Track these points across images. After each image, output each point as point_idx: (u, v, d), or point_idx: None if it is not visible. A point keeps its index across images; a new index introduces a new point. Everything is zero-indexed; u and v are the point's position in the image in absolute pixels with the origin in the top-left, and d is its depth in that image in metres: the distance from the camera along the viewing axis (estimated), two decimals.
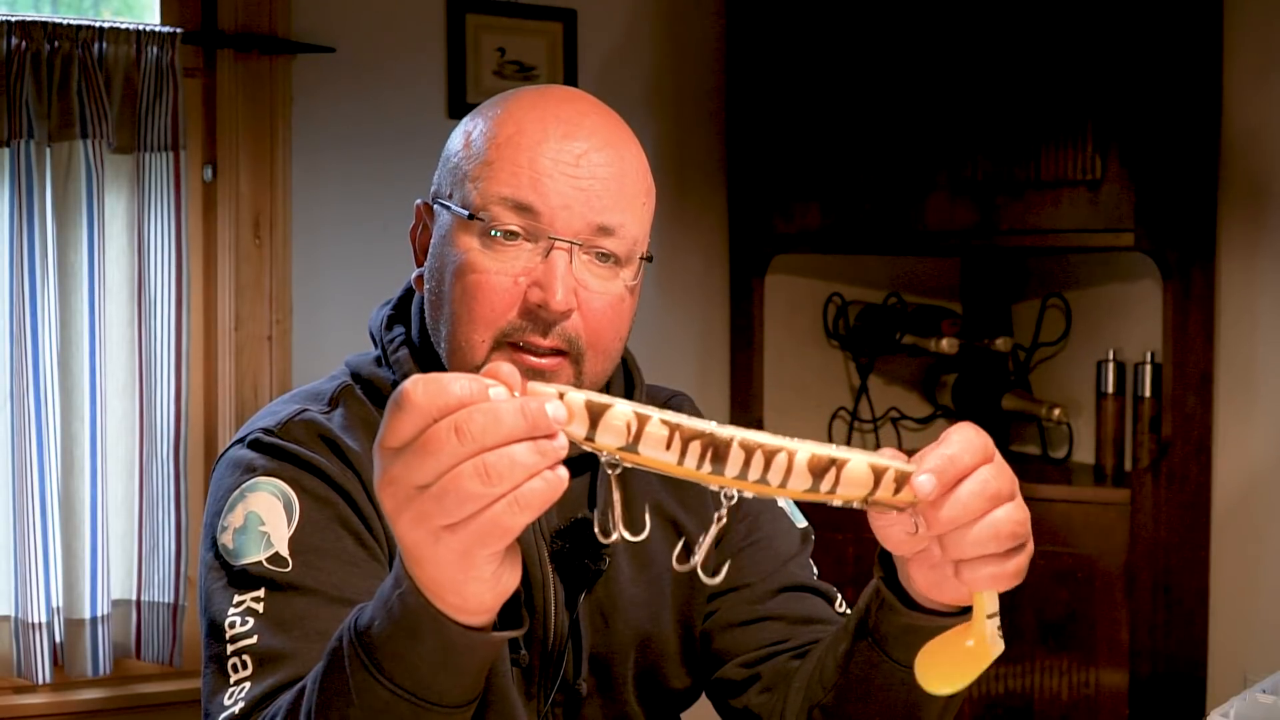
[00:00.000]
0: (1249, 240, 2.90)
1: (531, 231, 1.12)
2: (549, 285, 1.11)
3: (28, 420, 2.48)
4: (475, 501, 0.79)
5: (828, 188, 2.96)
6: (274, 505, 1.11)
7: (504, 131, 1.14)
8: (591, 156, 1.13)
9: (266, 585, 1.08)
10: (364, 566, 1.12)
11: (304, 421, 1.17)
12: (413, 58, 2.91)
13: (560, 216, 1.12)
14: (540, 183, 1.12)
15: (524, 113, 1.15)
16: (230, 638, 1.06)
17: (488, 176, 1.13)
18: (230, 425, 2.71)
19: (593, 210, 1.13)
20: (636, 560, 1.24)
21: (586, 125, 1.15)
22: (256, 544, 1.09)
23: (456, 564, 0.83)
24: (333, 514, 1.12)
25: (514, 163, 1.12)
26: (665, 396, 1.35)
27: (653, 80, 3.17)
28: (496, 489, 0.79)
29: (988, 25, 2.83)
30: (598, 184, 1.13)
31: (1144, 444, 2.90)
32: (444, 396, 0.80)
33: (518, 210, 1.12)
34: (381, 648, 0.88)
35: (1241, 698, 1.41)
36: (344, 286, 2.84)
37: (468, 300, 1.13)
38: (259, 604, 1.07)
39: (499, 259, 1.13)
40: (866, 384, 3.32)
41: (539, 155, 1.12)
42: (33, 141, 2.46)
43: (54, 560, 2.51)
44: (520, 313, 1.12)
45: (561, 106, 1.16)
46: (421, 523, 0.81)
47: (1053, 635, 2.82)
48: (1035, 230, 2.81)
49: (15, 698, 2.58)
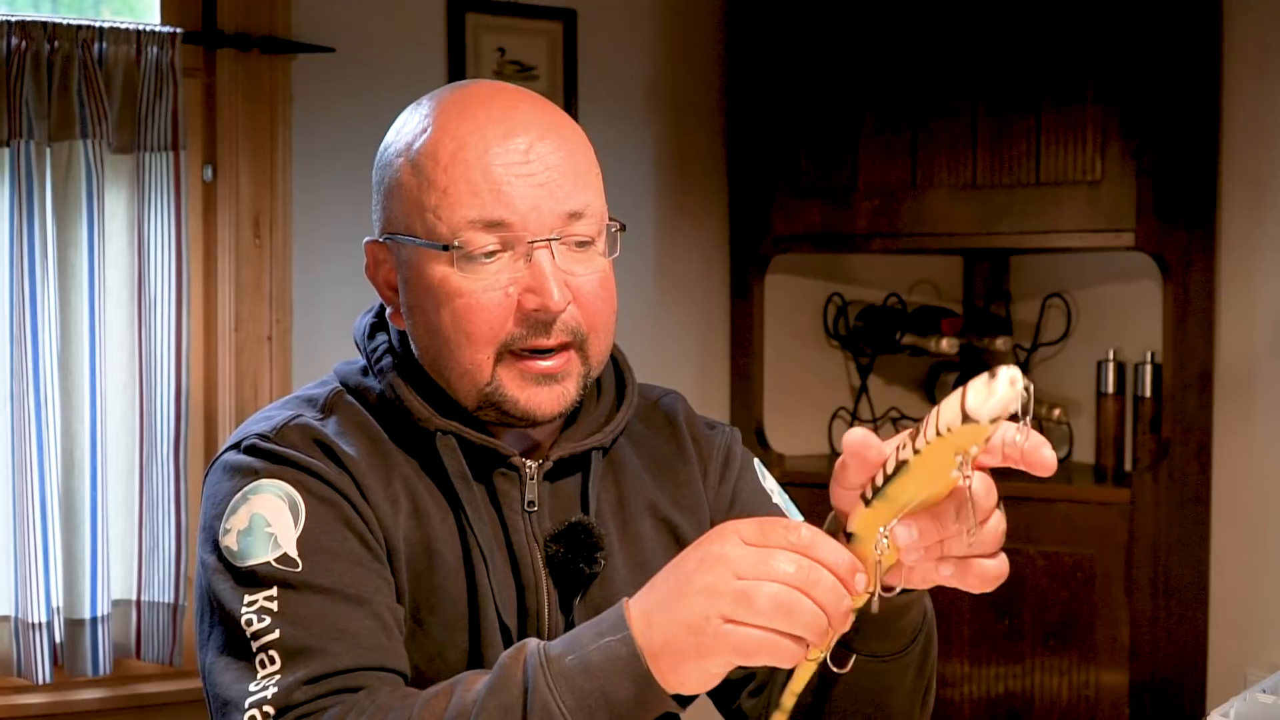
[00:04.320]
0: (1249, 240, 2.90)
1: (507, 242, 1.12)
2: (542, 288, 1.11)
3: (28, 420, 2.48)
4: (778, 619, 0.89)
5: (828, 188, 2.96)
6: (279, 507, 1.10)
7: (444, 151, 1.12)
8: (537, 148, 1.12)
9: (279, 584, 1.07)
10: (370, 566, 1.12)
11: (299, 426, 1.16)
12: (413, 58, 2.91)
13: (531, 219, 1.11)
14: (502, 194, 1.11)
15: (456, 125, 1.13)
16: (251, 634, 1.06)
17: (446, 204, 1.12)
18: (230, 425, 2.71)
19: (558, 201, 1.12)
20: (632, 561, 1.23)
21: (521, 118, 1.14)
22: (264, 545, 1.09)
23: (700, 651, 0.92)
24: (337, 515, 1.12)
25: (468, 182, 1.11)
26: (657, 395, 1.34)
27: (653, 80, 3.17)
28: (790, 623, 0.89)
29: (988, 25, 2.83)
30: (554, 174, 1.12)
31: (1144, 444, 2.90)
32: (823, 555, 0.91)
33: (490, 228, 1.11)
34: (574, 677, 0.96)
35: (1241, 698, 1.41)
36: (344, 286, 2.84)
37: (461, 325, 1.12)
38: (272, 602, 1.06)
39: (481, 278, 1.12)
40: (866, 384, 3.32)
41: (490, 166, 1.11)
42: (33, 141, 2.46)
43: (54, 560, 2.51)
44: (517, 321, 1.12)
45: (490, 106, 1.14)
46: (715, 601, 0.91)
47: (1053, 635, 2.82)
48: (1035, 230, 2.81)
49: (15, 698, 2.58)
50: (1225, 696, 2.63)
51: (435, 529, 1.16)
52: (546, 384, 1.14)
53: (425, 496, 1.16)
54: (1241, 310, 2.91)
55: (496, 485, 1.18)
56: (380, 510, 1.13)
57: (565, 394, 1.15)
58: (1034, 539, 2.83)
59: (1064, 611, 2.81)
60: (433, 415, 1.15)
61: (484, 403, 1.15)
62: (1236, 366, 2.93)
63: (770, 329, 3.18)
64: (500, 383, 1.13)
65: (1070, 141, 2.76)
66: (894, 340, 3.21)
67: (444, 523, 1.16)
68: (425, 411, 1.16)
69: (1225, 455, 2.95)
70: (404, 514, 1.15)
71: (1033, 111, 2.78)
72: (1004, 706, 2.87)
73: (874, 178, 2.92)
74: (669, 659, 0.93)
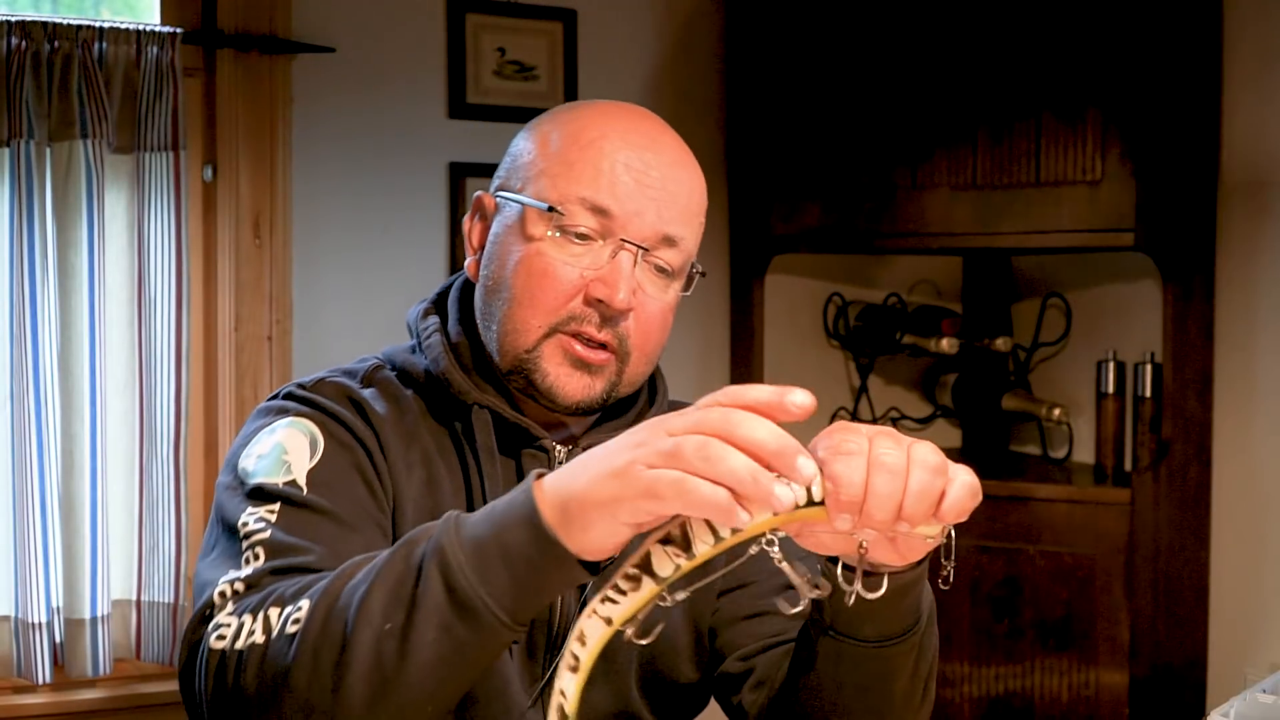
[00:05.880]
0: (1249, 240, 2.90)
1: (602, 232, 1.19)
2: (613, 283, 1.18)
3: (28, 420, 2.48)
4: (698, 462, 0.83)
5: (828, 188, 2.96)
6: (300, 440, 1.16)
7: (587, 135, 1.21)
8: (665, 171, 1.21)
9: (282, 500, 1.12)
10: (370, 512, 1.16)
11: (334, 383, 1.24)
12: (413, 58, 2.91)
13: (632, 221, 1.19)
14: (618, 187, 1.19)
15: (606, 122, 1.22)
16: (244, 535, 1.10)
17: (567, 175, 1.20)
18: (230, 425, 2.71)
19: (661, 220, 1.20)
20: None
21: (662, 142, 1.23)
22: (277, 469, 1.14)
23: (613, 496, 0.86)
24: (352, 459, 1.17)
25: (595, 166, 1.19)
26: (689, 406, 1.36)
27: (653, 80, 3.17)
28: (710, 467, 0.83)
29: (988, 25, 2.83)
30: (668, 196, 1.21)
31: (1144, 444, 2.90)
32: (746, 395, 0.86)
33: (594, 211, 1.19)
34: (480, 536, 0.91)
35: (1241, 698, 1.42)
36: (344, 286, 2.84)
37: (531, 286, 1.19)
38: (272, 514, 1.11)
39: (565, 251, 1.19)
40: (866, 384, 3.32)
41: (618, 161, 1.19)
42: (33, 141, 2.46)
43: (54, 560, 2.51)
44: (579, 304, 1.19)
45: (640, 121, 1.24)
46: (640, 450, 0.85)
47: (1053, 635, 2.82)
48: (1035, 230, 2.81)
49: (15, 698, 2.58)
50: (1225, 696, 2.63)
51: (445, 500, 1.20)
52: (579, 371, 1.20)
53: (442, 469, 1.21)
54: (1241, 310, 2.91)
55: (523, 464, 1.23)
56: (395, 469, 1.19)
57: (591, 388, 1.21)
58: (1034, 539, 2.83)
59: (1064, 611, 2.81)
60: (472, 389, 1.22)
61: (517, 367, 1.21)
62: (1236, 366, 2.93)
63: (770, 329, 3.18)
64: (540, 354, 1.20)
65: (1070, 141, 2.76)
66: (894, 340, 3.21)
67: (455, 496, 1.21)
68: (466, 384, 1.22)
69: (1225, 455, 2.95)
70: (417, 480, 1.20)
71: (1033, 111, 2.78)
72: (1004, 706, 2.87)
73: (874, 178, 2.92)
74: (578, 509, 0.88)
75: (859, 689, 1.13)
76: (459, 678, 0.94)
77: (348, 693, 0.92)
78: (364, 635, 0.92)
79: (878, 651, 1.10)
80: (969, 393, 3.30)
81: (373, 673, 0.92)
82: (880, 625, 1.08)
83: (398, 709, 0.93)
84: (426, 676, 0.92)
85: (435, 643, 0.91)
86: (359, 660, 0.92)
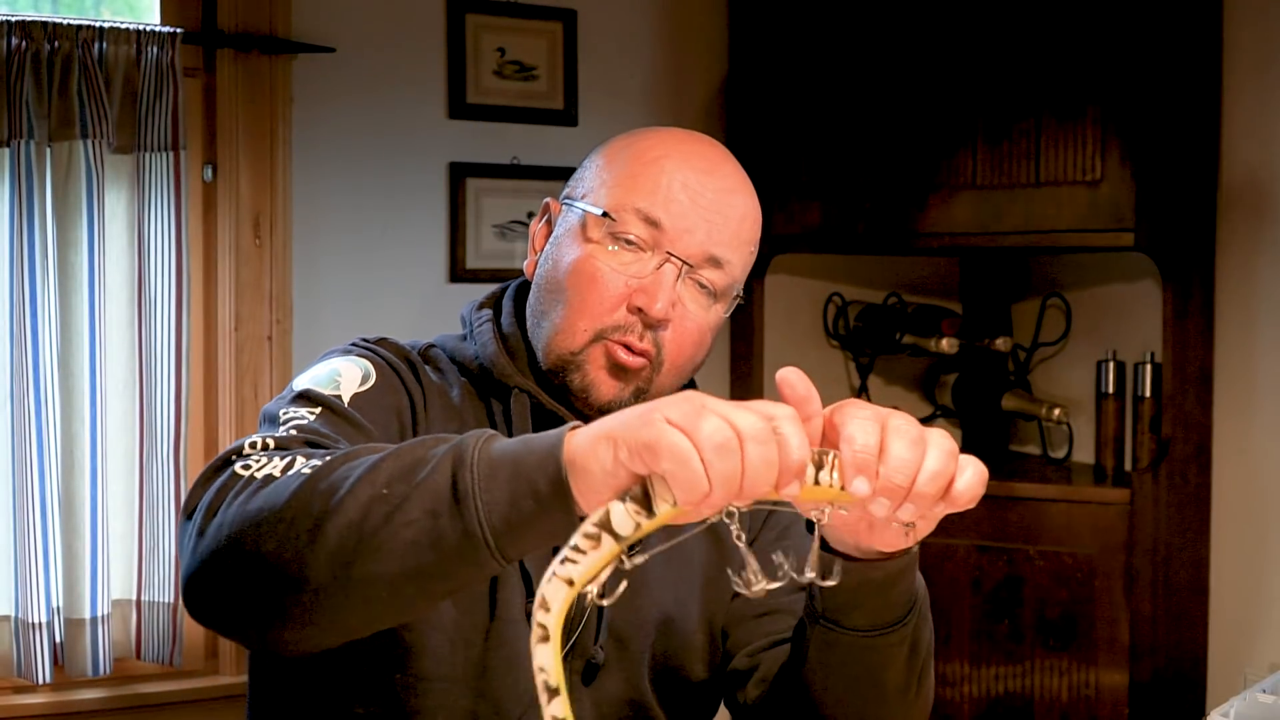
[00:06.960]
0: (1249, 240, 2.91)
1: (652, 243, 1.24)
2: (654, 292, 1.23)
3: (28, 420, 2.48)
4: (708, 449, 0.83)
5: (828, 188, 2.96)
6: (354, 370, 1.24)
7: (652, 153, 1.27)
8: (721, 196, 1.26)
9: (324, 406, 1.18)
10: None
11: (396, 344, 1.32)
12: (413, 58, 2.91)
13: (682, 237, 1.24)
14: (672, 202, 1.24)
15: (674, 144, 1.29)
16: (283, 420, 1.15)
17: (627, 187, 1.26)
18: (230, 425, 2.71)
19: (710, 240, 1.25)
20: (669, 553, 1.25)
21: (723, 169, 1.29)
22: (327, 384, 1.21)
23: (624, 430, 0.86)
24: (395, 403, 1.24)
25: (654, 181, 1.25)
26: None
27: (653, 80, 3.17)
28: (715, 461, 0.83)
29: (988, 24, 2.83)
30: (721, 219, 1.25)
31: (1144, 444, 2.90)
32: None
33: (646, 222, 1.24)
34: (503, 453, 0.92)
35: (1241, 698, 1.42)
36: (344, 286, 2.84)
37: (580, 288, 1.25)
38: (313, 414, 1.16)
39: (615, 259, 1.25)
40: (866, 384, 3.32)
41: (676, 180, 1.25)
42: (33, 141, 2.46)
43: (54, 560, 2.51)
44: (622, 312, 1.24)
45: (703, 146, 1.30)
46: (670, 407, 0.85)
47: (1053, 635, 2.82)
48: (1035, 230, 2.81)
49: (15, 698, 2.58)
50: (1225, 696, 2.64)
51: None
52: (616, 375, 1.25)
53: None
54: (1241, 310, 2.92)
55: None
56: (434, 428, 1.25)
57: (623, 391, 1.26)
58: (1034, 539, 2.83)
59: (1064, 611, 2.81)
60: (515, 373, 1.28)
61: (559, 365, 1.26)
62: (1236, 366, 2.93)
63: (770, 329, 3.18)
64: (586, 357, 1.25)
65: (1070, 141, 2.76)
66: (894, 340, 3.21)
67: None
68: (509, 369, 1.28)
69: (1225, 455, 2.95)
70: None
71: (1032, 111, 2.78)
72: (1004, 706, 2.87)
73: (874, 178, 2.92)
74: (591, 441, 0.88)
75: (851, 679, 1.15)
76: (423, 576, 0.93)
77: (323, 540, 0.93)
78: (362, 492, 0.93)
79: (869, 641, 1.11)
80: (969, 393, 3.30)
81: (352, 528, 0.92)
82: (871, 614, 1.10)
83: (359, 578, 0.93)
84: (395, 557, 0.92)
85: (417, 523, 0.91)
86: (346, 510, 0.93)
